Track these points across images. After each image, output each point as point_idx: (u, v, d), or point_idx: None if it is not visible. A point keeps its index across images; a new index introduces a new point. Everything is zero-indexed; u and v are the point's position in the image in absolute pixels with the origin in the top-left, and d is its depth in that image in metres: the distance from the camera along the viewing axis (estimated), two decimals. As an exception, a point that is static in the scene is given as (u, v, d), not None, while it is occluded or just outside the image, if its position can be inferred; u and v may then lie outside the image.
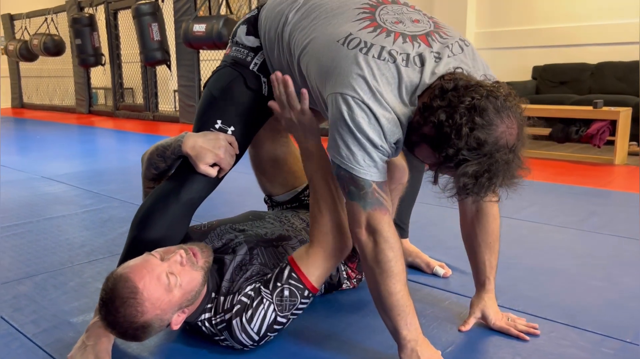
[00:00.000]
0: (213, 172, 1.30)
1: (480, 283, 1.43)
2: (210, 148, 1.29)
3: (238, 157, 1.40)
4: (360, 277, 1.62)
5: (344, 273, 1.58)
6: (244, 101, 1.38)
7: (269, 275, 1.27)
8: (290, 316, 1.26)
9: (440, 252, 1.98)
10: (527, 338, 1.35)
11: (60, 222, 2.43)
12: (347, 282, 1.61)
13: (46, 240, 2.18)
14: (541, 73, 5.80)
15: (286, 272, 1.24)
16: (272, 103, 1.32)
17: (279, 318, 1.23)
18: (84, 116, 8.57)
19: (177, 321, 1.19)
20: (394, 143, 1.13)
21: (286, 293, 1.23)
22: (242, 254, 1.37)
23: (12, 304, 1.58)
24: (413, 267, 1.84)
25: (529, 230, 2.30)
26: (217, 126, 1.36)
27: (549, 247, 2.07)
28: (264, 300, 1.22)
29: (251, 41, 1.43)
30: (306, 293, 1.24)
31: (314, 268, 1.24)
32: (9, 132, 6.44)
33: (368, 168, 1.12)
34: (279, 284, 1.23)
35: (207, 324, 1.27)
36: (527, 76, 6.05)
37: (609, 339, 1.36)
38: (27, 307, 1.55)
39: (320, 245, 1.24)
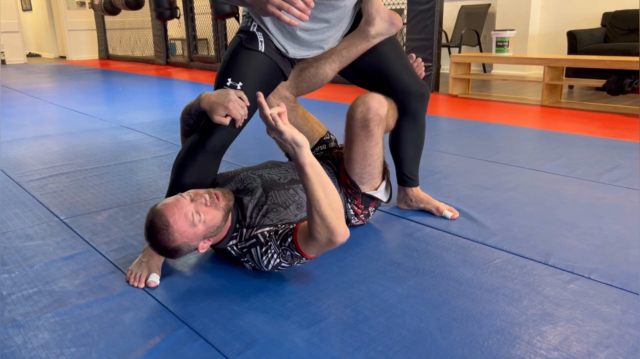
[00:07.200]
0: (226, 121, 1.55)
1: None
2: (221, 102, 1.54)
3: (253, 108, 1.64)
4: (366, 212, 1.87)
5: (351, 210, 1.84)
6: (245, 60, 1.63)
7: (279, 230, 1.52)
8: (294, 264, 1.53)
9: (453, 199, 2.21)
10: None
11: (133, 166, 2.87)
12: (355, 218, 1.88)
13: (120, 180, 2.61)
14: (611, 20, 5.54)
15: (289, 243, 1.48)
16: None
17: (282, 264, 1.52)
18: (162, 67, 9.14)
19: (203, 246, 1.51)
20: None
21: (288, 253, 1.50)
22: (258, 196, 1.66)
23: (91, 229, 2.00)
24: (425, 211, 2.08)
25: (546, 181, 2.44)
26: (228, 83, 1.62)
27: (556, 197, 2.22)
28: (271, 248, 1.51)
29: None
30: (304, 259, 1.51)
31: (310, 250, 1.47)
32: (97, 83, 7.08)
33: None
34: (284, 245, 1.49)
35: (235, 248, 1.60)
36: (596, 23, 5.82)
37: (577, 276, 1.56)
38: (102, 232, 1.97)
39: (317, 239, 1.42)
